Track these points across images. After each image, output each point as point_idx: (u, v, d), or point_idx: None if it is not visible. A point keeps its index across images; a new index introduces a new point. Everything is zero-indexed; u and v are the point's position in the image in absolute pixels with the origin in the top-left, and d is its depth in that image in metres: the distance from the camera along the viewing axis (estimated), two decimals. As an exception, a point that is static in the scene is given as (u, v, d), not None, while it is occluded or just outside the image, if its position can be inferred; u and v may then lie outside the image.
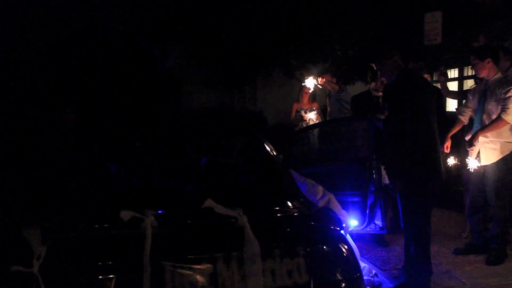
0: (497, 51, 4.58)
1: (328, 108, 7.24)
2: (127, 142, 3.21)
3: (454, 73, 8.63)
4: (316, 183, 3.77)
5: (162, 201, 2.47)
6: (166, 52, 7.90)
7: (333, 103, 6.94)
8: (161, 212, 2.21)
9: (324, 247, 2.33)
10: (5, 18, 6.54)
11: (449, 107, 8.25)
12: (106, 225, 2.13)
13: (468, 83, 8.01)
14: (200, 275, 2.08)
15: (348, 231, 2.99)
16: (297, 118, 7.27)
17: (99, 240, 2.08)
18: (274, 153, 3.06)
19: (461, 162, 4.91)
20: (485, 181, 4.47)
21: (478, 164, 4.41)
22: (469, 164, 4.45)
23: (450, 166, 5.02)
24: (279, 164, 3.07)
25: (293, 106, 7.47)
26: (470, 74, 7.85)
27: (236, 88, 9.01)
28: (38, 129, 3.14)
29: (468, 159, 4.48)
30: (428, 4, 6.97)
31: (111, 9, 7.10)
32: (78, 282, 1.95)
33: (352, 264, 2.36)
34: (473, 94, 4.72)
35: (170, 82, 7.95)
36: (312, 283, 2.21)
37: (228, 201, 2.32)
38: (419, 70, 5.38)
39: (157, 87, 7.52)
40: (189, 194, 2.79)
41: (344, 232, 2.52)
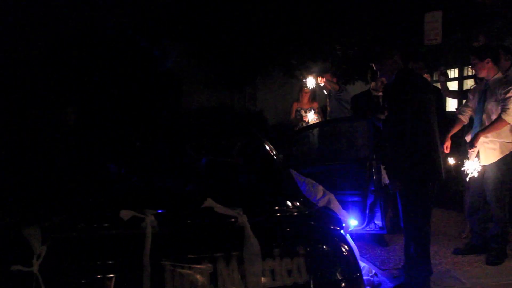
0: (497, 51, 4.57)
1: (328, 108, 7.25)
2: (127, 142, 3.20)
3: (454, 73, 8.64)
4: (316, 183, 3.78)
5: (162, 201, 2.47)
6: (166, 52, 7.91)
7: (333, 103, 6.95)
8: (161, 212, 2.20)
9: (324, 247, 2.33)
10: (5, 18, 6.54)
11: (449, 107, 8.25)
12: (106, 225, 2.13)
13: (468, 83, 8.03)
14: (200, 275, 2.08)
15: (348, 231, 3.00)
16: (297, 118, 7.28)
17: (99, 239, 2.08)
18: (274, 153, 3.05)
19: (461, 162, 4.90)
20: (485, 181, 4.47)
21: (480, 168, 4.39)
22: (470, 168, 4.42)
23: (450, 166, 5.01)
24: (279, 164, 3.07)
25: (293, 106, 7.48)
26: (470, 74, 7.86)
27: (236, 88, 9.03)
28: (38, 129, 3.14)
29: (468, 163, 4.45)
30: (428, 4, 6.98)
31: (111, 9, 7.11)
32: (78, 282, 1.95)
33: (352, 264, 2.36)
34: (473, 94, 4.72)
35: (170, 82, 7.96)
36: (312, 282, 2.21)
37: (228, 201, 2.32)
38: (419, 70, 5.38)
39: (157, 87, 7.53)
40: (189, 194, 2.79)
41: (344, 232, 2.52)
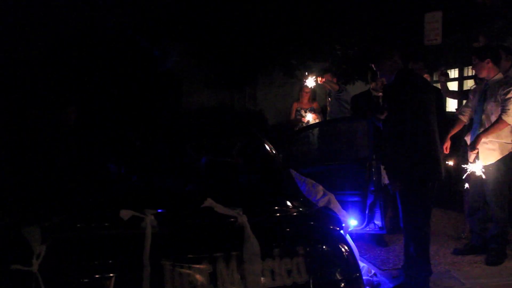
0: (497, 51, 4.57)
1: (328, 108, 7.25)
2: (127, 142, 3.21)
3: (454, 73, 8.64)
4: (316, 183, 3.78)
5: (162, 201, 2.47)
6: (166, 52, 7.91)
7: (333, 103, 6.95)
8: (161, 212, 2.21)
9: (324, 247, 2.33)
10: (5, 18, 6.55)
11: (449, 107, 8.25)
12: (106, 225, 2.14)
13: (468, 83, 8.03)
14: (200, 275, 2.08)
15: (347, 231, 3.00)
16: (297, 117, 7.28)
17: (98, 239, 2.08)
18: (274, 153, 3.06)
19: (461, 162, 4.90)
20: (484, 182, 4.46)
21: (482, 170, 4.37)
22: (471, 169, 4.40)
23: (450, 166, 5.01)
24: (279, 164, 3.07)
25: (293, 105, 7.48)
26: (470, 74, 7.86)
27: (236, 88, 9.03)
28: (38, 129, 3.14)
29: (468, 165, 4.44)
30: (428, 4, 6.99)
31: (111, 9, 7.11)
32: (77, 282, 1.95)
33: (352, 264, 2.36)
34: (474, 94, 4.72)
35: (170, 82, 7.97)
36: (311, 282, 2.22)
37: (228, 201, 2.32)
38: (419, 70, 5.38)
39: (157, 87, 7.53)
40: (189, 194, 2.79)
41: (344, 232, 2.52)
